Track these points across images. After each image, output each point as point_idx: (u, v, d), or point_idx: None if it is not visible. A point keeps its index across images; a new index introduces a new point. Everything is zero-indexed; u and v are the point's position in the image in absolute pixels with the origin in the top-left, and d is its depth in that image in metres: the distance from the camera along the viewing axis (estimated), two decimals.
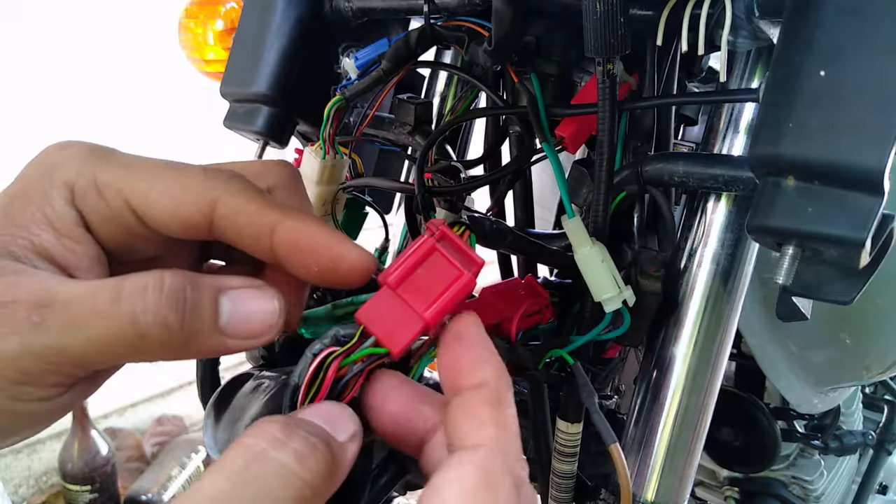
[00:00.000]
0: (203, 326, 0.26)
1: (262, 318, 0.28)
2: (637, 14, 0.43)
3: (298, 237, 0.29)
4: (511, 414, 0.27)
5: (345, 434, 0.27)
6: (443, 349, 0.29)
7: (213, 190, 0.29)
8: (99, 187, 0.28)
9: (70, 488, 1.84)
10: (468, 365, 0.28)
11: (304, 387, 0.28)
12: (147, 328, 0.25)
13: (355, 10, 0.58)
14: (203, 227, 0.29)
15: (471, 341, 0.29)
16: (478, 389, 0.27)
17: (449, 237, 0.31)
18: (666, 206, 0.49)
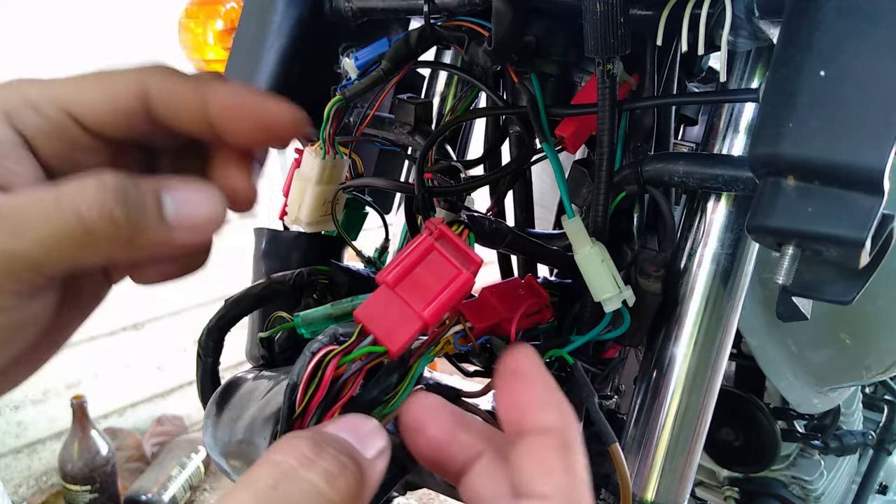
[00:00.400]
0: (148, 219, 0.27)
1: (205, 207, 0.29)
2: (637, 14, 0.43)
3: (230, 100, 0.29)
4: (580, 461, 0.26)
5: (373, 450, 0.26)
6: (502, 387, 0.28)
7: (144, 76, 0.29)
8: (34, 104, 0.28)
9: (70, 488, 1.84)
10: (533, 407, 0.27)
11: (303, 385, 0.28)
12: (93, 223, 0.25)
13: (355, 10, 0.58)
14: (141, 116, 0.29)
15: (532, 379, 0.28)
16: (545, 434, 0.26)
17: (447, 236, 0.31)
18: (666, 206, 0.49)
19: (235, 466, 0.40)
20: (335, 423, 0.27)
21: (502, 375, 0.28)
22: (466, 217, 0.43)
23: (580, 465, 0.26)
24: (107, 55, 2.09)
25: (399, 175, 0.75)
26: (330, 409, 0.28)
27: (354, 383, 0.29)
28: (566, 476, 0.25)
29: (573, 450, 0.26)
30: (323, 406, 0.28)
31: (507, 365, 0.28)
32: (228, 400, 0.44)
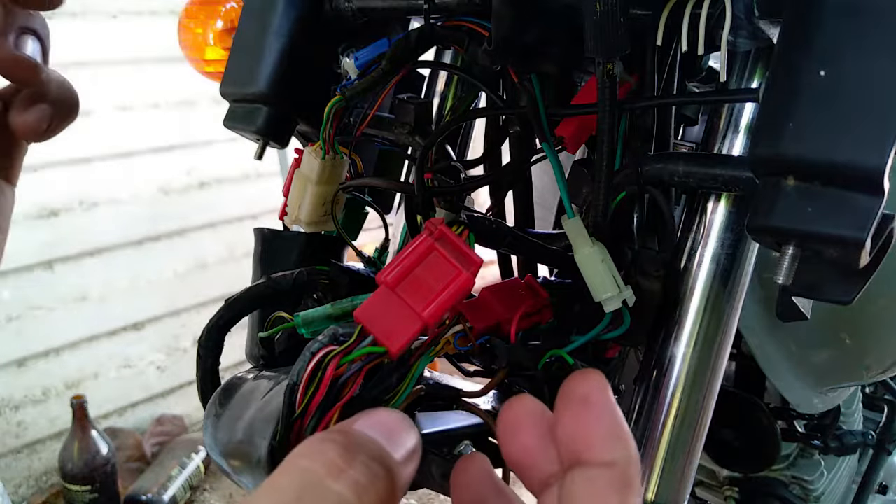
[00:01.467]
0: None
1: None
2: (637, 14, 0.43)
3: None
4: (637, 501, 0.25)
5: (404, 451, 0.25)
6: (567, 412, 0.26)
7: None
8: None
9: (70, 488, 1.84)
10: (598, 439, 0.25)
11: (303, 385, 0.28)
12: None
13: (355, 10, 0.58)
14: None
15: (601, 410, 0.26)
16: (607, 469, 0.25)
17: (447, 236, 0.31)
18: (666, 206, 0.49)
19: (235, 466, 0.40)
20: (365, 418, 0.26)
21: (569, 400, 0.26)
22: (466, 217, 0.43)
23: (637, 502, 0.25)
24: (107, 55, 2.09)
25: (399, 175, 0.75)
26: (330, 409, 0.28)
27: (354, 383, 0.29)
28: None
29: (633, 489, 0.25)
30: (323, 406, 0.28)
31: (576, 390, 0.26)
32: (228, 400, 0.44)
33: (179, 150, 2.26)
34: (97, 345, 2.13)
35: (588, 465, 0.25)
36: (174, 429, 2.23)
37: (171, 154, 2.25)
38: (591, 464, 0.25)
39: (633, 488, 0.25)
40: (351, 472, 0.22)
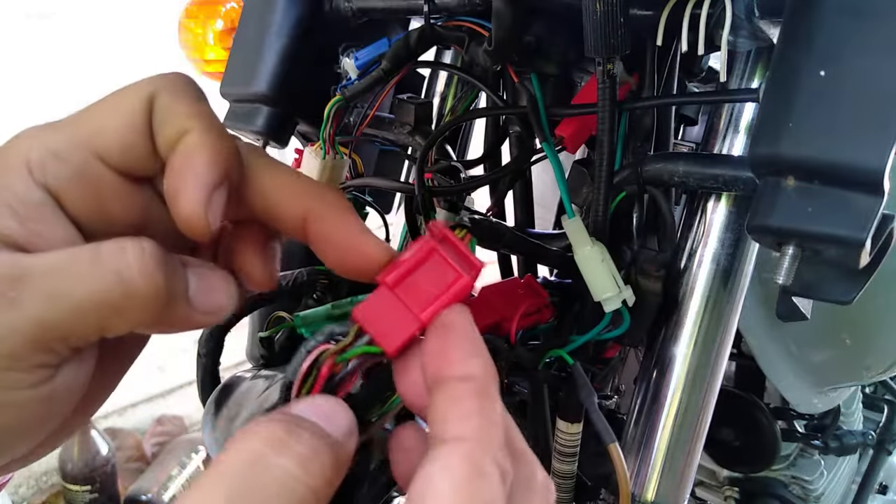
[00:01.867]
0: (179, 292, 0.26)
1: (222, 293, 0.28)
2: (637, 14, 0.43)
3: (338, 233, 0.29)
4: (497, 408, 0.27)
5: (342, 430, 0.26)
6: (431, 336, 0.28)
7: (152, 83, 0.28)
8: (54, 152, 0.26)
9: (70, 488, 1.84)
10: (457, 356, 0.27)
11: (297, 384, 0.28)
12: (134, 285, 0.24)
13: (355, 10, 0.58)
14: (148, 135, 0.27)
15: (461, 332, 0.28)
16: (465, 381, 0.26)
17: (450, 239, 0.31)
18: (666, 206, 0.49)
19: None
20: (302, 404, 0.26)
21: (433, 328, 0.28)
22: (468, 220, 0.43)
23: (497, 412, 0.26)
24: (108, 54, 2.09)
25: (399, 175, 0.75)
26: None
27: (350, 382, 0.29)
28: (483, 420, 0.25)
29: (491, 397, 0.26)
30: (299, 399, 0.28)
31: (441, 318, 0.29)
32: (226, 399, 0.44)
33: None
34: None
35: (448, 380, 0.26)
36: (174, 429, 2.23)
37: None
38: (451, 378, 0.26)
39: (491, 396, 0.26)
40: (294, 445, 0.23)
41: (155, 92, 0.28)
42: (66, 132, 0.27)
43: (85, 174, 0.27)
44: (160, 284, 0.25)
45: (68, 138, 0.27)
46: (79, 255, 0.24)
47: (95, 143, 0.27)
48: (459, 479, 0.23)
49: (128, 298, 0.24)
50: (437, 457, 0.24)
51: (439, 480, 0.23)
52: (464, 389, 0.26)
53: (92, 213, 0.28)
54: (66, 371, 0.26)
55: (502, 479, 0.25)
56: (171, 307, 0.26)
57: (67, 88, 2.04)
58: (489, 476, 0.24)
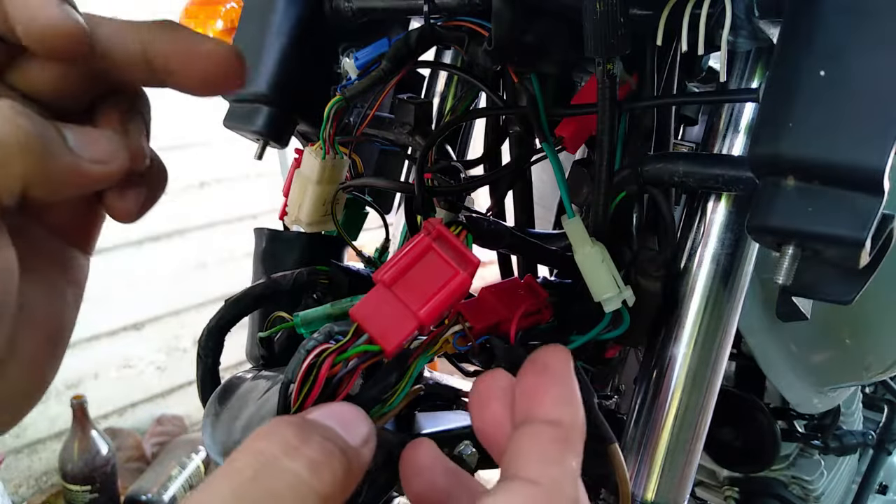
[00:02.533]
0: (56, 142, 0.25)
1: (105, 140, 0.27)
2: (637, 14, 0.43)
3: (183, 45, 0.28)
4: (577, 462, 0.26)
5: (358, 437, 0.26)
6: (527, 373, 0.28)
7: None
8: None
9: (70, 488, 1.84)
10: (550, 399, 0.26)
11: (298, 383, 0.28)
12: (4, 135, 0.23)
13: (355, 10, 0.58)
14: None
15: (559, 376, 0.27)
16: (552, 426, 0.26)
17: (445, 236, 0.31)
18: (666, 206, 0.49)
19: None
20: (318, 409, 0.26)
21: (531, 364, 0.28)
22: (465, 218, 0.43)
23: (576, 464, 0.26)
24: None
25: (399, 175, 0.75)
26: None
27: (350, 382, 0.29)
28: (560, 469, 0.25)
29: (574, 448, 0.26)
30: (318, 405, 0.28)
31: (540, 358, 0.28)
32: (227, 400, 0.44)
33: (179, 150, 2.26)
34: (97, 345, 2.13)
35: (536, 421, 0.26)
36: (174, 429, 2.23)
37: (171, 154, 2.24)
38: (538, 420, 0.26)
39: (574, 449, 0.26)
40: (306, 450, 0.23)
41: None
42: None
43: None
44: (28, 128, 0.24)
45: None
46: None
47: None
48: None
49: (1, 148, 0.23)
50: (506, 490, 0.24)
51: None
52: (549, 434, 0.26)
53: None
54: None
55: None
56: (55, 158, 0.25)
57: None
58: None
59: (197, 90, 0.29)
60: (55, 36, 0.26)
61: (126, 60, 0.28)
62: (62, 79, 0.28)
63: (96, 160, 0.27)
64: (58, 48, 0.26)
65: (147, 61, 0.28)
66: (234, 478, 0.22)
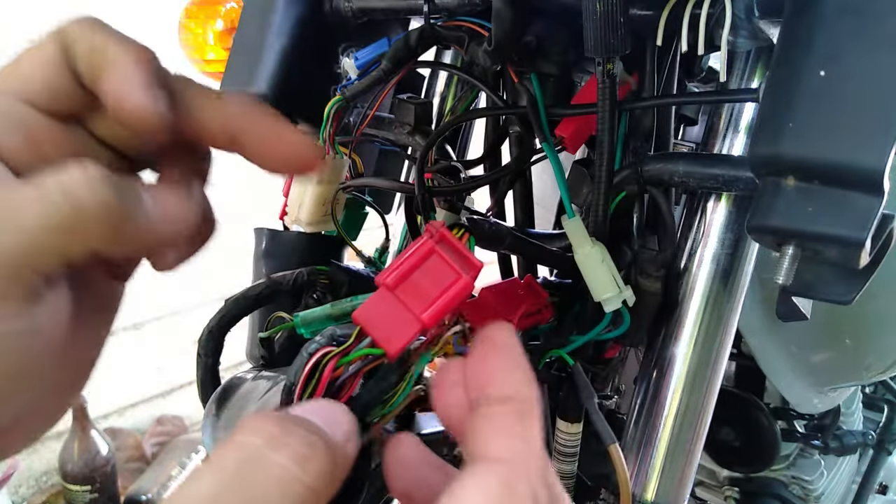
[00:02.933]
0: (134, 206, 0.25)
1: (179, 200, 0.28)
2: (637, 14, 0.43)
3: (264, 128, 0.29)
4: (536, 432, 0.26)
5: (342, 433, 0.26)
6: (475, 354, 0.28)
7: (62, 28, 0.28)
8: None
9: (70, 488, 1.84)
10: (500, 374, 0.27)
11: (300, 386, 0.28)
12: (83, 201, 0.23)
13: (355, 10, 0.58)
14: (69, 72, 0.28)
15: (506, 350, 0.28)
16: (507, 401, 0.26)
17: (448, 239, 0.31)
18: (666, 206, 0.49)
19: None
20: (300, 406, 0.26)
21: (478, 343, 0.28)
22: (467, 220, 0.43)
23: (536, 434, 0.26)
24: None
25: (399, 175, 0.75)
26: None
27: (352, 385, 0.29)
28: (521, 442, 0.25)
29: (532, 420, 0.26)
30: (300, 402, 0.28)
31: (485, 335, 0.28)
32: (227, 400, 0.44)
33: None
34: None
35: (491, 399, 0.26)
36: (174, 429, 2.23)
37: None
38: (493, 398, 0.26)
39: (531, 420, 0.26)
40: (291, 442, 0.23)
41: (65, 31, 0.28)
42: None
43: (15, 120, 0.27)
44: (110, 197, 0.24)
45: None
46: (24, 185, 0.24)
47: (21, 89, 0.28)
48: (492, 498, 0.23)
49: (79, 215, 0.24)
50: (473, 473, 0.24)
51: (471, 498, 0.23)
52: (504, 410, 0.26)
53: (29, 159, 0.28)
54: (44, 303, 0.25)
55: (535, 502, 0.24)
56: (130, 221, 0.25)
57: None
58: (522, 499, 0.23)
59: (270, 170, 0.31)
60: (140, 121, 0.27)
61: (210, 131, 0.30)
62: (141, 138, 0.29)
63: (169, 222, 0.28)
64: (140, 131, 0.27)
65: (230, 135, 0.30)
66: (218, 471, 0.21)
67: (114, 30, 0.29)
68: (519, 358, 0.28)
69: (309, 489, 0.22)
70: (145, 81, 0.27)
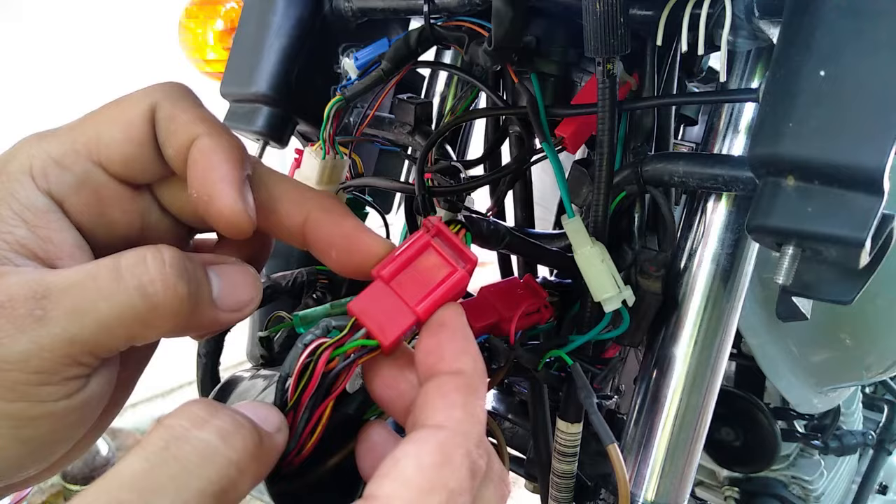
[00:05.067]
0: (203, 297, 0.26)
1: (246, 288, 0.29)
2: (637, 14, 0.43)
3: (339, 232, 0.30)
4: (481, 405, 0.27)
5: (270, 425, 0.26)
6: (425, 334, 0.29)
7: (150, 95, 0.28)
8: (55, 159, 0.27)
9: (70, 488, 1.84)
10: (449, 353, 0.28)
11: (295, 377, 0.28)
12: (157, 298, 0.24)
13: (355, 10, 0.58)
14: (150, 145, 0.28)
15: (454, 330, 0.29)
16: (454, 375, 0.27)
17: (444, 234, 0.31)
18: (666, 206, 0.49)
19: None
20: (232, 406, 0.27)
21: (429, 325, 0.29)
22: (464, 217, 0.43)
23: (480, 407, 0.27)
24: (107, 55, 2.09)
25: (399, 175, 0.75)
26: (322, 402, 0.28)
27: (347, 376, 0.29)
28: (465, 413, 0.26)
29: (477, 394, 0.27)
30: (314, 399, 0.28)
31: (436, 316, 0.29)
32: (225, 399, 0.44)
33: None
34: None
35: (439, 374, 0.27)
36: None
37: None
38: (441, 372, 0.27)
39: (477, 393, 0.27)
40: (215, 421, 0.23)
41: (155, 103, 0.28)
42: (67, 140, 0.28)
43: (86, 182, 0.28)
44: (184, 294, 0.25)
45: (70, 147, 0.28)
46: (100, 271, 0.25)
47: (96, 152, 0.28)
48: (428, 463, 0.23)
49: (153, 311, 0.25)
50: (411, 440, 0.25)
51: (406, 462, 0.24)
52: (452, 383, 0.27)
53: (94, 219, 0.28)
54: (96, 379, 0.26)
55: (472, 473, 0.25)
56: (198, 312, 0.26)
57: (68, 90, 2.04)
58: (458, 467, 0.24)
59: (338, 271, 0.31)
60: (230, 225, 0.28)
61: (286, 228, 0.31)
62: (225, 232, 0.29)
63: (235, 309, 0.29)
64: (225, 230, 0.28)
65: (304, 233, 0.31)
66: (146, 449, 0.22)
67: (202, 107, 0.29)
68: (468, 335, 0.29)
69: (231, 463, 0.23)
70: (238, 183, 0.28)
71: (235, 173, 0.28)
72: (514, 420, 0.69)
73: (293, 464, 0.28)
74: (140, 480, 0.21)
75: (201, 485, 0.22)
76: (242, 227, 0.28)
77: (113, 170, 0.28)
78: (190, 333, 0.28)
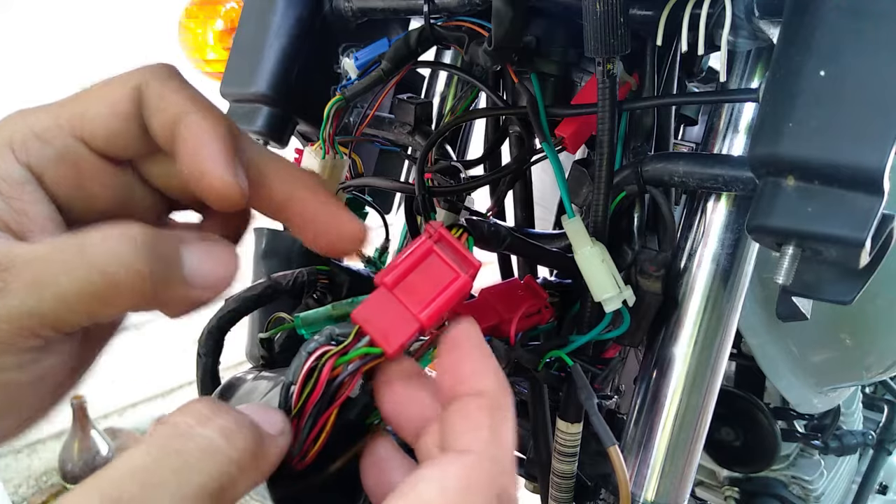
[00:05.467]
0: (170, 275, 0.26)
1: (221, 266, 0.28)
2: (637, 14, 0.43)
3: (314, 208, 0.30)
4: (508, 426, 0.26)
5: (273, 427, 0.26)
6: (443, 354, 0.29)
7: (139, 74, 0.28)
8: (37, 133, 0.27)
9: (70, 488, 1.84)
10: (470, 373, 0.27)
11: (299, 385, 0.28)
12: (118, 278, 0.24)
13: (355, 10, 0.58)
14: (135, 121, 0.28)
15: (469, 349, 0.28)
16: (475, 397, 0.27)
17: (446, 239, 0.31)
18: (666, 206, 0.49)
19: None
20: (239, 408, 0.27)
21: (444, 345, 0.29)
22: (466, 221, 0.43)
23: (507, 428, 0.26)
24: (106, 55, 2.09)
25: (399, 175, 0.75)
26: (326, 409, 0.28)
27: (351, 384, 0.29)
28: (491, 434, 0.25)
29: (503, 414, 0.26)
30: (319, 407, 0.28)
31: (450, 334, 0.29)
32: (227, 400, 0.44)
33: None
34: None
35: (462, 396, 0.27)
36: None
37: None
38: (464, 394, 0.27)
39: (503, 415, 0.26)
40: (218, 420, 0.23)
41: (142, 81, 0.28)
42: (50, 115, 0.28)
43: (67, 156, 0.28)
44: (145, 271, 0.25)
45: (52, 121, 0.28)
46: (65, 246, 0.25)
47: (80, 126, 0.28)
48: (451, 487, 0.23)
49: (113, 288, 0.24)
50: (434, 463, 0.24)
51: (428, 485, 0.23)
52: (474, 404, 0.26)
53: (73, 193, 0.28)
54: (54, 352, 0.26)
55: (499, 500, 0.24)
56: (165, 289, 0.26)
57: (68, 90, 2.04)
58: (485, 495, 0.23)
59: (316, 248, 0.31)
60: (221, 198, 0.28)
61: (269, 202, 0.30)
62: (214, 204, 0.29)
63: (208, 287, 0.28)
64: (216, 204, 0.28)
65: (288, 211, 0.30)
66: (148, 446, 0.22)
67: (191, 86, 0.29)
68: (485, 353, 0.28)
69: (233, 462, 0.23)
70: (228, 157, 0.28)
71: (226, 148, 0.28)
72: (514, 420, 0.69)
73: (296, 469, 0.28)
74: (142, 473, 0.21)
75: (202, 480, 0.22)
76: (234, 201, 0.28)
77: (95, 144, 0.28)
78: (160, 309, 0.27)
